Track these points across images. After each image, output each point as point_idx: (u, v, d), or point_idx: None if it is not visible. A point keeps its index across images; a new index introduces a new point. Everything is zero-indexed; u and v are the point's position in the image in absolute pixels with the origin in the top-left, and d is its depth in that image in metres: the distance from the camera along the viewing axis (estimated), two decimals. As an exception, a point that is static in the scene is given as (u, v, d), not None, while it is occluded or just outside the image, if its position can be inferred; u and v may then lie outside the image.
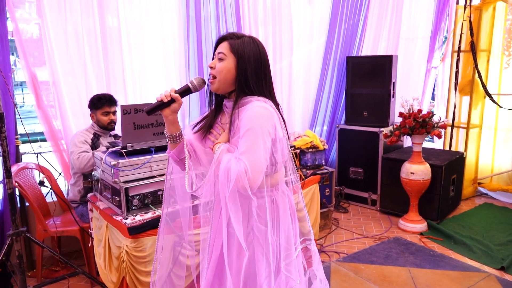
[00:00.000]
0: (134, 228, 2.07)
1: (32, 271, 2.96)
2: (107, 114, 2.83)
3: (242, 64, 1.42)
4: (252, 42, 1.47)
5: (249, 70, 1.43)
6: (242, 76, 1.43)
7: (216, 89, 1.46)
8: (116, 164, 2.15)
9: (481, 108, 4.65)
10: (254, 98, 1.42)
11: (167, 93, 1.41)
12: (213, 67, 1.44)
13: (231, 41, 1.44)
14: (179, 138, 1.50)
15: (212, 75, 1.45)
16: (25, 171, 2.89)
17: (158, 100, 1.42)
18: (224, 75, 1.42)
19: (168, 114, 1.44)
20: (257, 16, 3.72)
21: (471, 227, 3.79)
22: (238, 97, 1.43)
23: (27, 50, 2.83)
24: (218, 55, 1.44)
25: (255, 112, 1.36)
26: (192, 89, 1.46)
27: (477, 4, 4.40)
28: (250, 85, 1.43)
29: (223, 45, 1.45)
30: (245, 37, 1.47)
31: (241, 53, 1.43)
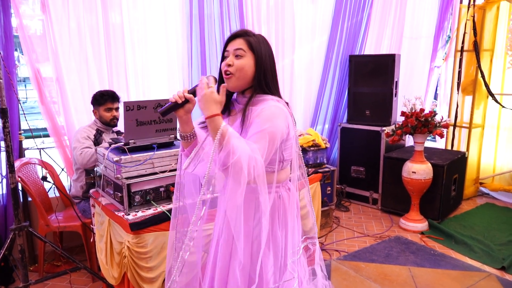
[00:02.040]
0: (136, 224, 2.08)
1: (34, 265, 2.98)
2: (110, 110, 2.85)
3: (261, 61, 1.44)
4: (264, 41, 1.49)
5: (267, 68, 1.45)
6: (261, 74, 1.44)
7: (233, 87, 1.45)
8: (118, 160, 2.16)
9: (484, 108, 4.64)
10: (269, 97, 1.44)
11: (181, 94, 1.40)
12: (231, 64, 1.42)
13: (248, 38, 1.44)
14: (192, 137, 1.50)
15: (229, 72, 1.42)
16: (28, 166, 2.91)
17: (172, 102, 1.41)
18: (245, 72, 1.42)
19: (183, 114, 1.43)
20: (260, 14, 3.72)
21: (472, 226, 3.79)
22: (254, 94, 1.45)
23: (30, 46, 2.84)
24: (236, 51, 1.42)
25: (271, 112, 1.38)
26: None
27: (481, 4, 4.39)
28: (268, 83, 1.46)
29: (240, 42, 1.44)
30: (258, 35, 1.48)
31: (259, 50, 1.44)
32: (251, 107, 1.42)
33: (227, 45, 1.48)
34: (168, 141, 2.41)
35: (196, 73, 3.43)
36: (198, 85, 1.41)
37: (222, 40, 3.50)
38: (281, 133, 1.39)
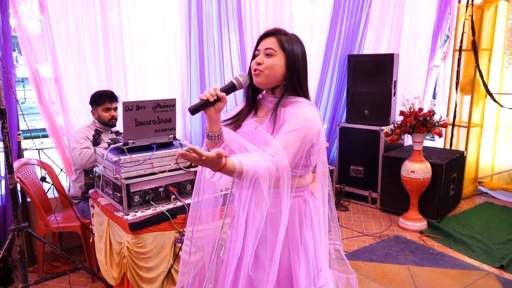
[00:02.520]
0: (135, 224, 2.08)
1: (33, 266, 2.98)
2: (108, 110, 2.84)
3: (292, 61, 1.42)
4: (297, 41, 1.46)
5: (299, 69, 1.43)
6: (292, 74, 1.42)
7: (260, 83, 1.43)
8: (117, 160, 2.16)
9: (482, 107, 4.65)
10: (302, 100, 1.42)
11: (213, 92, 1.36)
12: (261, 63, 1.41)
13: (280, 37, 1.42)
14: (219, 137, 1.45)
15: (258, 70, 1.41)
16: (26, 167, 2.90)
17: (203, 99, 1.37)
18: (274, 71, 1.41)
19: (213, 113, 1.39)
20: (259, 14, 3.72)
21: (471, 225, 3.80)
22: (284, 94, 1.43)
23: (29, 46, 2.84)
24: (266, 50, 1.41)
25: (306, 114, 1.37)
26: (237, 86, 1.43)
27: (479, 3, 4.40)
28: (301, 84, 1.44)
29: (271, 41, 1.42)
30: (290, 35, 1.46)
31: (291, 50, 1.42)
32: (282, 108, 1.40)
33: (258, 44, 1.46)
34: (167, 141, 2.40)
35: (195, 73, 3.43)
36: (231, 83, 1.41)
37: (220, 40, 3.50)
38: (312, 137, 1.37)
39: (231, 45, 3.58)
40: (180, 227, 2.22)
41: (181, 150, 1.14)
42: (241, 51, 3.64)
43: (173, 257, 2.22)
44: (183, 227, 2.22)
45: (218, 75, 3.56)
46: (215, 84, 1.48)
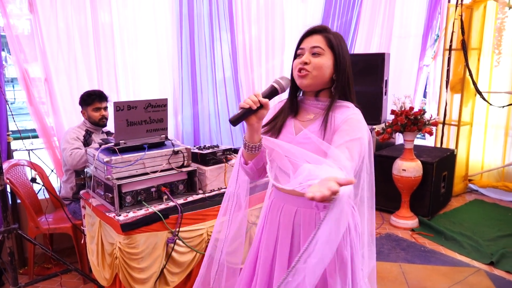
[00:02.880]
0: (127, 225, 2.07)
1: (24, 268, 2.95)
2: (98, 110, 2.82)
3: (341, 62, 1.32)
4: (343, 39, 1.36)
5: (348, 70, 1.33)
6: (342, 76, 1.32)
7: (307, 84, 1.32)
8: (109, 161, 2.14)
9: (472, 105, 4.71)
10: (350, 104, 1.33)
11: (255, 99, 1.23)
12: (308, 62, 1.30)
13: (327, 35, 1.32)
14: (259, 148, 1.34)
15: (305, 70, 1.31)
16: (16, 168, 2.87)
17: (245, 108, 1.25)
18: (323, 72, 1.30)
19: (255, 121, 1.27)
20: (250, 13, 3.72)
21: (461, 223, 3.84)
22: (335, 98, 1.32)
23: (18, 46, 2.81)
24: (313, 49, 1.30)
25: (359, 121, 1.28)
26: (279, 90, 1.32)
27: (468, 3, 4.45)
28: (350, 87, 1.34)
29: (317, 39, 1.31)
30: (335, 33, 1.36)
31: (339, 50, 1.31)
32: (332, 112, 1.30)
33: (301, 42, 1.35)
34: (159, 141, 2.40)
35: (187, 72, 3.42)
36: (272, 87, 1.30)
37: (211, 39, 3.49)
38: (366, 145, 1.28)
39: (223, 45, 3.58)
40: (172, 227, 2.21)
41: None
42: (233, 51, 3.63)
43: (166, 257, 2.22)
44: (175, 227, 2.22)
45: (210, 74, 3.55)
46: (255, 90, 1.33)
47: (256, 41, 3.78)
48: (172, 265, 2.26)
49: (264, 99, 1.25)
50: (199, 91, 3.50)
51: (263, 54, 3.85)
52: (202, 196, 2.44)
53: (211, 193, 2.50)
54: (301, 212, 1.36)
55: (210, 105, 3.59)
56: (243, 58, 3.70)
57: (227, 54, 3.61)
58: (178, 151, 2.39)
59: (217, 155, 2.57)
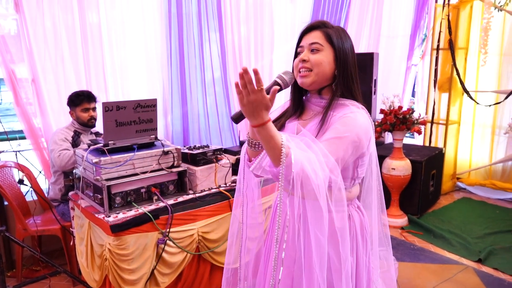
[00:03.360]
0: (117, 226, 2.06)
1: (12, 271, 2.91)
2: (87, 110, 2.80)
3: (342, 57, 1.27)
4: (345, 34, 1.31)
5: (350, 65, 1.29)
6: (343, 72, 1.28)
7: (310, 83, 1.29)
8: (98, 161, 2.13)
9: (460, 104, 4.77)
10: (351, 102, 1.28)
11: None
12: (307, 60, 1.27)
13: (326, 30, 1.28)
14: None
15: (305, 68, 1.28)
16: (3, 169, 2.84)
17: None
18: (323, 68, 1.26)
19: None
20: (239, 13, 3.72)
21: (450, 221, 3.89)
22: (335, 96, 1.28)
23: (4, 46, 2.77)
24: (312, 45, 1.27)
25: (353, 119, 1.22)
26: (282, 86, 1.24)
27: (455, 3, 4.51)
28: (351, 84, 1.29)
29: (316, 35, 1.28)
30: (336, 27, 1.32)
31: (340, 44, 1.27)
32: (332, 111, 1.27)
33: (301, 39, 1.32)
34: (148, 142, 2.38)
35: (176, 72, 3.41)
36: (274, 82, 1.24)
37: (200, 39, 3.48)
38: (361, 146, 1.22)
39: (211, 45, 3.57)
40: (162, 228, 2.20)
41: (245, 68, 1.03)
42: (221, 50, 3.63)
43: (156, 258, 2.20)
44: (165, 228, 2.21)
45: (199, 74, 3.54)
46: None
47: (245, 41, 3.77)
48: (163, 266, 2.25)
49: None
50: (188, 91, 3.49)
51: (252, 54, 3.85)
52: (192, 196, 2.44)
53: (201, 193, 2.49)
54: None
55: (199, 105, 3.58)
56: (233, 58, 3.70)
57: (216, 54, 3.61)
58: (168, 152, 2.38)
59: (207, 155, 2.57)
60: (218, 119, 3.70)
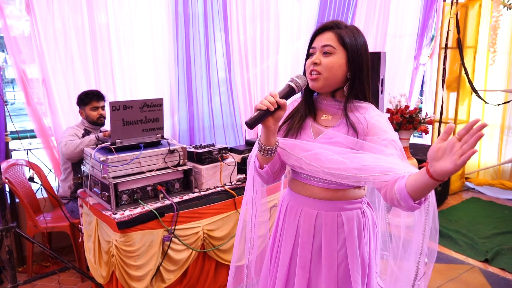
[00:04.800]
0: (123, 223, 2.10)
1: (23, 266, 2.98)
2: (96, 109, 2.86)
3: (356, 59, 1.24)
4: (359, 33, 1.27)
5: (363, 67, 1.25)
6: (357, 74, 1.25)
7: (320, 87, 1.27)
8: (105, 160, 2.17)
9: (468, 104, 4.73)
10: (368, 105, 1.27)
11: (272, 100, 1.16)
12: (318, 63, 1.24)
13: (339, 32, 1.24)
14: (275, 150, 1.28)
15: (316, 72, 1.25)
16: (15, 167, 2.91)
17: (262, 109, 1.17)
18: (335, 72, 1.24)
19: (272, 123, 1.20)
20: (245, 13, 3.74)
21: (457, 221, 3.87)
22: (349, 98, 1.27)
23: (17, 47, 2.84)
24: (324, 48, 1.24)
25: (385, 123, 1.23)
26: (296, 90, 1.25)
27: (464, 1, 4.47)
28: (364, 87, 1.27)
29: (329, 36, 1.24)
30: (350, 26, 1.27)
31: (354, 46, 1.23)
32: (353, 113, 1.25)
33: (313, 40, 1.29)
34: (155, 140, 2.43)
35: (182, 73, 3.45)
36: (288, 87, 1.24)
37: (206, 39, 3.51)
38: (400, 146, 1.23)
39: (217, 45, 3.60)
40: (168, 225, 2.24)
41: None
42: (227, 50, 3.66)
43: (162, 255, 2.24)
44: (171, 226, 2.25)
45: (204, 74, 3.57)
46: (272, 90, 1.18)
47: (251, 41, 3.80)
48: (168, 263, 2.29)
49: (282, 100, 1.18)
50: (194, 91, 3.53)
51: (257, 54, 3.87)
52: (198, 194, 2.47)
53: (207, 191, 2.53)
54: (322, 215, 1.33)
55: (205, 105, 3.62)
56: (238, 58, 3.73)
57: (221, 54, 3.64)
58: (174, 150, 2.42)
59: (213, 154, 2.60)
60: (223, 119, 3.74)
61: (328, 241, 1.32)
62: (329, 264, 1.32)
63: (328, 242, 1.32)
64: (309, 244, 1.35)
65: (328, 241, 1.32)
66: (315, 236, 1.35)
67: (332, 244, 1.32)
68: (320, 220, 1.34)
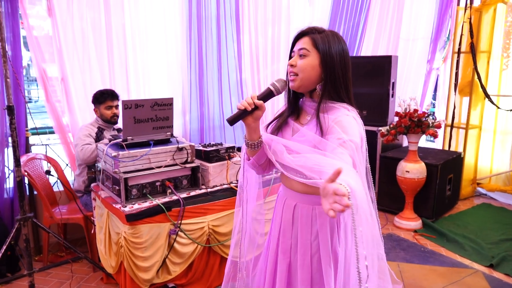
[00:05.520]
0: (132, 216, 2.21)
1: (39, 255, 3.13)
2: (110, 108, 2.98)
3: (328, 61, 1.33)
4: (334, 37, 1.37)
5: (336, 68, 1.34)
6: (330, 75, 1.34)
7: (297, 87, 1.38)
8: (116, 155, 2.29)
9: (481, 109, 4.69)
10: (341, 105, 1.34)
11: (250, 101, 1.31)
12: (294, 65, 1.36)
13: (313, 36, 1.35)
14: (259, 145, 1.41)
15: (293, 73, 1.37)
16: (34, 161, 3.06)
17: (241, 109, 1.32)
18: (308, 73, 1.34)
19: (251, 122, 1.35)
20: (257, 15, 3.82)
21: (466, 226, 3.85)
22: (323, 98, 1.35)
23: (39, 46, 2.99)
24: (300, 51, 1.35)
25: (348, 122, 1.29)
26: (275, 93, 1.37)
27: (477, 6, 4.45)
28: (340, 86, 1.35)
29: (304, 41, 1.36)
30: (327, 31, 1.37)
31: (326, 48, 1.33)
32: (323, 113, 1.33)
33: (294, 45, 1.40)
34: (164, 138, 2.54)
35: (194, 74, 3.55)
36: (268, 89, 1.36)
37: (218, 41, 3.61)
38: (357, 145, 1.27)
39: (228, 47, 3.68)
40: (174, 219, 2.34)
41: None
42: (238, 52, 3.74)
43: (168, 247, 2.35)
44: (177, 220, 2.35)
45: (216, 75, 3.67)
46: (253, 93, 1.41)
47: (262, 43, 3.87)
48: (174, 256, 2.39)
49: (259, 101, 1.32)
50: (205, 92, 3.63)
51: (268, 56, 3.94)
52: (204, 191, 2.57)
53: (213, 188, 2.62)
54: (299, 207, 1.44)
55: (215, 106, 3.72)
56: (250, 60, 3.81)
57: (233, 56, 3.72)
58: (182, 148, 2.52)
59: (220, 152, 2.69)
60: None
61: (303, 231, 1.43)
62: (304, 252, 1.42)
63: (303, 232, 1.43)
64: (289, 232, 1.47)
65: (303, 231, 1.43)
66: (293, 225, 1.46)
67: (307, 234, 1.42)
68: (297, 211, 1.45)
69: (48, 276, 2.85)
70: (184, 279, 2.50)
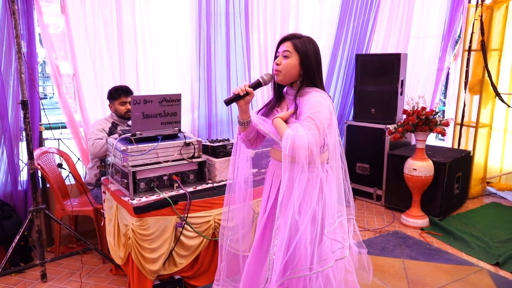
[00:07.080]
0: (140, 208, 2.28)
1: (51, 247, 3.23)
2: (124, 104, 3.05)
3: (306, 60, 1.71)
4: (310, 42, 1.75)
5: (312, 66, 1.73)
6: (306, 71, 1.72)
7: (281, 80, 1.76)
8: (125, 149, 2.36)
9: (492, 107, 4.65)
10: (314, 90, 1.71)
11: (243, 88, 1.72)
12: (279, 64, 1.73)
13: (294, 41, 1.72)
14: (248, 124, 1.81)
15: (277, 70, 1.73)
16: (47, 155, 3.15)
17: (235, 94, 1.73)
18: (290, 70, 1.72)
19: (242, 104, 1.76)
20: (266, 13, 3.85)
21: (473, 224, 3.84)
22: (301, 87, 1.73)
23: (50, 44, 3.07)
24: (284, 53, 1.72)
25: (317, 101, 1.66)
26: (263, 83, 1.78)
27: (489, 3, 4.40)
28: (315, 78, 1.74)
29: (287, 45, 1.72)
30: (304, 37, 1.75)
31: (304, 51, 1.71)
32: (300, 97, 1.71)
33: (278, 47, 1.76)
34: (172, 133, 2.59)
35: (203, 71, 3.60)
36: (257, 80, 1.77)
37: (227, 39, 3.65)
38: (325, 117, 1.64)
39: (237, 43, 3.72)
40: (181, 212, 2.40)
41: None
42: (247, 49, 3.78)
43: (174, 240, 2.41)
44: (183, 213, 2.41)
45: (224, 72, 3.71)
46: (245, 81, 1.84)
47: (271, 40, 3.90)
48: (181, 248, 2.45)
49: (250, 89, 1.74)
50: (213, 89, 3.68)
51: (277, 53, 3.97)
52: (211, 185, 2.62)
53: (219, 183, 2.67)
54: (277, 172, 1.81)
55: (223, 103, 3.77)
56: (258, 58, 3.85)
57: (242, 53, 3.76)
58: (190, 143, 2.57)
59: (227, 148, 2.74)
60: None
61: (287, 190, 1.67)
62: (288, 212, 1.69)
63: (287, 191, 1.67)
64: (276, 194, 1.79)
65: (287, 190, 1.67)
66: (279, 189, 1.70)
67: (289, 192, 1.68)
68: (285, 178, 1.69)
69: (59, 267, 2.94)
70: (190, 272, 2.56)
